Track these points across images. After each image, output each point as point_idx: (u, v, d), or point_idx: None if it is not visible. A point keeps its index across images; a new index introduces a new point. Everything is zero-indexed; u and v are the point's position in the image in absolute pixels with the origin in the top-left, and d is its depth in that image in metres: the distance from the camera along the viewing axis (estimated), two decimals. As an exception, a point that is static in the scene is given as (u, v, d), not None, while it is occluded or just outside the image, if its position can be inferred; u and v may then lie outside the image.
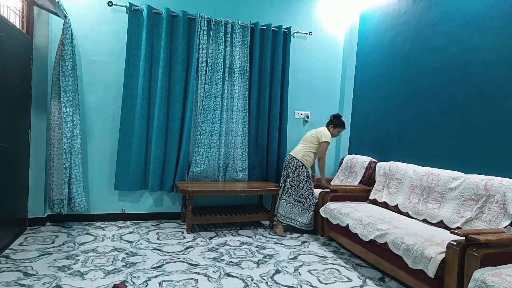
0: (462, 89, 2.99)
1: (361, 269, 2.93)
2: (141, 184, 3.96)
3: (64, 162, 3.51)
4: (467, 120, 2.93)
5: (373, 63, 4.27)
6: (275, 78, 4.30)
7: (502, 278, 1.78)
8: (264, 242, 3.52)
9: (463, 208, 2.66)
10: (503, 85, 2.65)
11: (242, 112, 4.17)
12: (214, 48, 4.06)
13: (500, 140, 2.65)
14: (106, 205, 3.92)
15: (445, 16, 3.22)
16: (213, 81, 4.05)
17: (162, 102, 3.89)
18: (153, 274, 2.61)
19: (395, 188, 3.40)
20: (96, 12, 3.78)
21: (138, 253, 3.03)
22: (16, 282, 2.37)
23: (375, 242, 2.74)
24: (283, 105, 4.35)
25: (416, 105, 3.51)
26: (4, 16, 2.81)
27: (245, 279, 2.61)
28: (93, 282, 2.44)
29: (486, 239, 1.99)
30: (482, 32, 2.84)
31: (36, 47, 3.50)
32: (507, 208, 2.34)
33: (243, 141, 4.19)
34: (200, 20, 3.96)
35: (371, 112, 4.23)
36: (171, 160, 3.98)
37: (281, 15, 4.40)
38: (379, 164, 3.77)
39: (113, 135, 3.87)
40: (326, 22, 4.61)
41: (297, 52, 4.48)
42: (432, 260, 2.16)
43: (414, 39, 3.59)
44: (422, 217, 2.96)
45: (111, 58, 3.85)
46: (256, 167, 4.34)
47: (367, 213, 3.14)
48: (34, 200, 3.57)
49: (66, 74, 3.49)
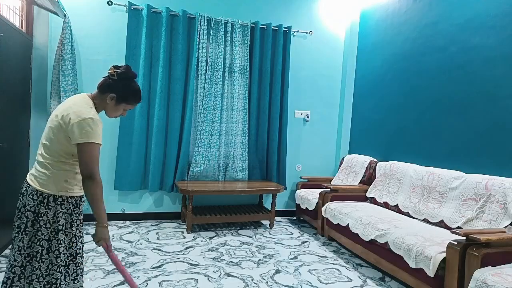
0: (463, 89, 2.99)
1: (361, 269, 2.92)
2: (141, 184, 3.96)
3: (63, 162, 3.50)
4: (468, 120, 2.92)
5: (373, 63, 4.26)
6: (275, 78, 4.29)
7: (503, 278, 1.77)
8: (264, 242, 3.52)
9: (463, 207, 2.65)
10: (503, 85, 2.65)
11: (242, 112, 4.17)
12: (214, 47, 4.05)
13: (501, 139, 2.64)
14: (106, 205, 3.81)
15: (445, 15, 3.22)
16: (213, 80, 4.04)
17: (162, 102, 3.89)
18: (153, 274, 2.60)
19: (396, 188, 3.40)
20: (96, 11, 3.78)
21: (138, 253, 3.03)
22: (15, 282, 2.37)
23: (375, 242, 2.74)
24: (283, 105, 4.35)
25: (416, 104, 3.50)
26: (3, 16, 2.80)
27: (245, 279, 2.60)
28: (93, 282, 2.43)
29: (486, 239, 1.98)
30: (483, 31, 2.84)
31: (36, 47, 3.50)
32: (507, 208, 2.34)
33: (243, 140, 4.19)
34: (200, 19, 3.95)
35: (372, 111, 4.22)
36: (171, 159, 3.97)
37: (281, 14, 4.39)
38: (380, 163, 3.76)
39: (113, 134, 3.86)
40: (326, 21, 4.60)
41: (297, 51, 4.47)
42: (433, 260, 2.16)
43: (414, 38, 3.58)
44: (422, 217, 2.96)
45: (110, 57, 3.84)
46: (256, 167, 4.33)
47: (367, 212, 3.14)
48: (34, 199, 3.56)
49: (65, 74, 3.48)
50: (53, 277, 1.51)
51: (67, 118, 1.50)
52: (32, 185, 1.53)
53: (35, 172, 1.57)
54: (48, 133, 1.57)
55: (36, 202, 1.52)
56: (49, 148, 1.55)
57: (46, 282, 1.51)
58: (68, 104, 1.58)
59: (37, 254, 1.51)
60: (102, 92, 1.66)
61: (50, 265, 1.53)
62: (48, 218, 1.53)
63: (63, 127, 1.51)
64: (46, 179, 1.53)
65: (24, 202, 1.53)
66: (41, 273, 1.51)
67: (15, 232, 1.54)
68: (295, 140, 4.57)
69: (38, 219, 1.53)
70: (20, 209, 1.53)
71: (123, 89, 1.66)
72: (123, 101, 1.69)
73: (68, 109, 1.53)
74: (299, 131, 4.59)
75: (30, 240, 1.52)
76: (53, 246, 1.53)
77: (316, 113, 4.64)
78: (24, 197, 1.54)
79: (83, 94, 1.67)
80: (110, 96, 1.64)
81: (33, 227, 1.52)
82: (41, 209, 1.52)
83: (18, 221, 1.53)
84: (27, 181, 1.57)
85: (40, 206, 1.52)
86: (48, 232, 1.53)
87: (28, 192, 1.53)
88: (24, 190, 1.57)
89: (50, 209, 1.54)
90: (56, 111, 1.60)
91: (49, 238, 1.53)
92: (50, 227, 1.53)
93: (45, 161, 1.56)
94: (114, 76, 1.65)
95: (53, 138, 1.54)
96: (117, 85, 1.65)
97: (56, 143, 1.54)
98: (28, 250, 1.52)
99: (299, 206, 4.25)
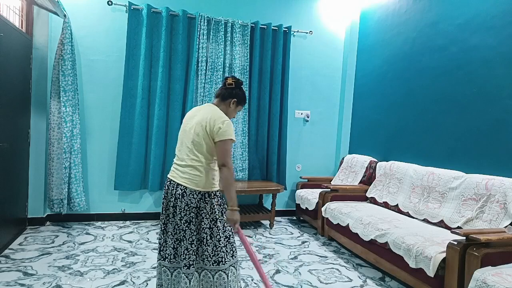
0: (463, 88, 2.99)
1: (361, 268, 2.92)
2: (141, 183, 3.96)
3: (63, 162, 3.51)
4: (468, 119, 2.92)
5: (373, 62, 4.26)
6: (275, 78, 4.29)
7: (503, 278, 1.77)
8: (264, 241, 3.52)
9: (463, 207, 2.65)
10: (503, 84, 2.65)
11: (242, 112, 4.17)
12: (214, 47, 4.05)
13: (501, 139, 2.64)
14: (106, 204, 3.92)
15: (445, 15, 3.22)
16: (213, 80, 4.04)
17: (162, 102, 3.88)
18: (153, 274, 2.60)
19: (396, 188, 3.40)
20: (96, 11, 3.78)
21: (138, 253, 3.03)
22: (16, 282, 2.37)
23: (375, 242, 2.74)
24: (283, 105, 4.35)
25: (416, 104, 3.50)
26: (3, 16, 2.80)
27: (245, 279, 2.60)
28: (93, 282, 2.43)
29: (486, 239, 1.98)
30: (483, 31, 2.84)
31: (36, 47, 3.50)
32: (507, 208, 2.34)
33: (243, 140, 4.19)
34: (200, 19, 3.95)
35: (372, 111, 4.22)
36: (171, 159, 3.93)
37: (281, 14, 4.39)
38: (380, 163, 3.76)
39: (113, 134, 3.86)
40: (327, 21, 4.60)
41: (297, 51, 4.47)
42: (433, 260, 2.16)
43: (414, 38, 3.58)
44: (422, 217, 2.96)
45: (110, 57, 3.84)
46: (256, 167, 4.33)
47: (367, 212, 3.14)
48: (34, 199, 3.56)
49: (65, 74, 3.48)
50: (219, 257, 1.91)
51: (212, 123, 1.87)
52: (189, 186, 1.88)
53: (187, 176, 1.90)
54: (193, 140, 1.91)
55: (197, 199, 1.89)
56: (198, 152, 1.90)
57: (213, 261, 1.90)
58: (206, 113, 1.93)
59: (203, 240, 1.90)
60: (223, 99, 2.03)
61: (214, 247, 1.91)
62: (207, 211, 1.90)
63: (208, 131, 1.88)
64: (200, 180, 1.89)
65: (186, 201, 1.88)
66: (208, 254, 1.91)
67: (184, 226, 1.89)
68: (295, 140, 4.57)
69: (200, 212, 1.90)
70: (184, 207, 1.88)
71: (240, 94, 2.06)
72: (239, 104, 2.08)
73: (210, 116, 1.90)
74: (299, 131, 4.59)
75: (196, 229, 1.91)
76: (214, 232, 1.91)
77: (316, 113, 4.64)
78: (184, 198, 1.88)
79: (210, 104, 2.03)
80: (233, 101, 2.03)
81: (197, 219, 1.90)
82: (201, 204, 1.89)
83: (185, 216, 1.88)
84: (181, 184, 1.90)
85: (200, 202, 1.89)
86: (208, 222, 1.91)
87: (187, 193, 1.88)
88: (182, 191, 1.89)
89: (207, 203, 1.91)
90: (192, 119, 1.96)
91: (210, 226, 1.91)
92: (209, 217, 1.91)
93: (196, 164, 1.90)
94: (232, 85, 2.04)
95: (201, 142, 1.89)
96: (236, 91, 2.04)
97: (204, 146, 1.89)
98: (197, 236, 1.91)
99: (299, 206, 4.25)
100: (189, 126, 1.96)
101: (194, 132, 1.90)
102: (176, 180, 1.93)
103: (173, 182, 1.95)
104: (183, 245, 1.91)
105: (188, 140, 1.94)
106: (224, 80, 2.05)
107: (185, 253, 1.90)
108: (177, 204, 1.92)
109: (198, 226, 1.91)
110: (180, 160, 1.97)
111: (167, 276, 1.97)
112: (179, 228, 1.92)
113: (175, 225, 1.94)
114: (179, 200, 1.90)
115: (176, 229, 1.94)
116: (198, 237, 1.91)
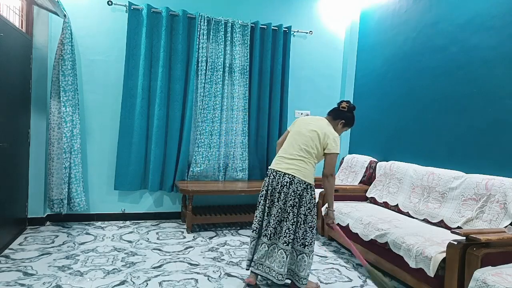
0: (463, 88, 2.99)
1: (361, 269, 2.92)
2: (141, 183, 3.96)
3: (63, 162, 3.51)
4: (468, 119, 2.92)
5: (373, 62, 4.26)
6: (275, 78, 4.29)
7: (503, 278, 1.77)
8: (264, 241, 3.51)
9: (463, 207, 2.65)
10: (503, 85, 2.65)
11: (242, 112, 4.17)
12: (214, 47, 4.05)
13: (501, 139, 2.64)
14: (106, 204, 3.92)
15: (445, 15, 3.22)
16: (213, 80, 4.04)
17: (162, 102, 3.88)
18: (153, 274, 2.60)
19: (396, 188, 3.40)
20: (96, 11, 3.78)
21: (138, 253, 3.03)
22: (16, 282, 2.37)
23: (375, 242, 2.74)
24: (283, 105, 4.35)
25: (416, 104, 3.50)
26: (3, 16, 2.80)
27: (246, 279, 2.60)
28: (93, 282, 2.43)
29: (486, 239, 1.98)
30: (483, 31, 2.84)
31: (36, 47, 3.50)
32: (507, 208, 2.34)
33: (243, 140, 4.19)
34: (200, 19, 3.95)
35: (372, 111, 4.22)
36: (171, 159, 3.97)
37: (281, 14, 4.39)
38: (380, 163, 3.76)
39: (113, 134, 3.86)
40: (327, 21, 4.60)
41: (297, 51, 4.47)
42: (433, 260, 2.16)
43: (414, 38, 3.58)
44: (422, 217, 2.96)
45: (110, 57, 3.84)
46: (256, 167, 4.33)
47: (367, 212, 3.14)
48: (34, 199, 3.56)
49: (65, 74, 3.48)
50: (306, 241, 2.27)
51: (324, 134, 2.30)
52: (297, 176, 2.25)
53: (295, 167, 2.27)
54: (307, 142, 2.31)
55: (302, 188, 2.26)
56: (308, 152, 2.29)
57: (301, 243, 2.27)
58: (323, 126, 2.36)
59: (296, 223, 2.26)
60: (334, 118, 2.47)
61: (305, 232, 2.27)
62: (306, 200, 2.27)
63: (320, 139, 2.30)
64: (307, 173, 2.28)
65: (294, 189, 2.24)
66: (299, 236, 2.27)
67: (289, 209, 2.25)
68: (295, 140, 4.56)
69: (301, 200, 2.27)
70: (291, 193, 2.24)
71: (349, 118, 2.47)
72: (346, 125, 2.49)
73: (326, 131, 2.33)
74: (299, 131, 4.59)
75: (294, 214, 2.25)
76: (308, 219, 2.29)
77: (316, 113, 4.63)
78: (292, 185, 2.24)
79: (324, 119, 2.46)
80: (341, 122, 2.46)
81: (297, 205, 2.25)
82: (304, 193, 2.27)
83: (291, 201, 2.24)
84: (288, 173, 2.26)
85: (304, 191, 2.27)
86: (305, 209, 2.27)
87: (295, 182, 2.24)
88: (290, 180, 2.25)
89: (308, 193, 2.28)
90: (308, 125, 2.37)
91: (305, 213, 2.27)
92: (307, 205, 2.28)
93: (306, 159, 2.29)
94: (345, 109, 2.46)
95: (313, 146, 2.30)
96: (346, 114, 2.46)
97: (315, 149, 2.30)
98: (293, 219, 2.25)
99: (299, 206, 4.24)
100: (305, 130, 2.35)
101: (310, 136, 2.31)
102: (283, 170, 2.28)
103: (280, 172, 2.30)
104: (285, 225, 2.25)
105: (302, 141, 2.32)
106: (339, 103, 2.46)
107: (286, 232, 2.24)
108: (282, 191, 2.26)
109: (298, 210, 2.25)
110: (289, 154, 2.32)
111: (264, 248, 2.31)
112: (283, 211, 2.27)
113: (279, 208, 2.27)
114: (285, 187, 2.25)
115: (279, 212, 2.28)
116: (293, 221, 2.25)
